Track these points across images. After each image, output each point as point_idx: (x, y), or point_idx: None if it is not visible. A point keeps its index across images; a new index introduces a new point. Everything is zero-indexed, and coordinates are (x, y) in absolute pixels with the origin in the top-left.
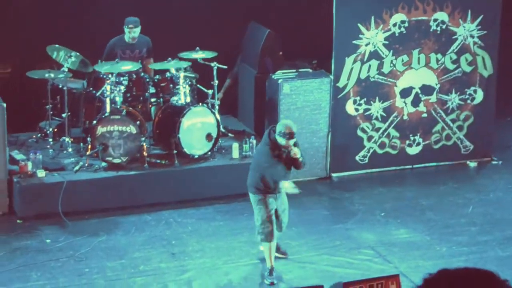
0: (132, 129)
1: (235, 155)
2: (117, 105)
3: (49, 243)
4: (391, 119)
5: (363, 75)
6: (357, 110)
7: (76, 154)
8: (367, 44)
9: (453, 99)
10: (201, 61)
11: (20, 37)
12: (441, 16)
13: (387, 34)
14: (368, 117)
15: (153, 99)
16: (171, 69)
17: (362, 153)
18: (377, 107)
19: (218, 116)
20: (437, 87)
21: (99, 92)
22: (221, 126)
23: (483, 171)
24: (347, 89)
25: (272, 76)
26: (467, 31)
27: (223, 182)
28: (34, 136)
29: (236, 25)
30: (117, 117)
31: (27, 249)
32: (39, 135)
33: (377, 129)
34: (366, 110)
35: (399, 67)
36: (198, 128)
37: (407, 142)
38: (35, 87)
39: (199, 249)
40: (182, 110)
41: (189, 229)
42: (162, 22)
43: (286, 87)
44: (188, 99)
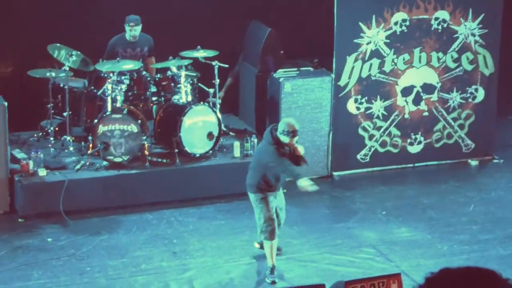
0: (133, 128)
1: (237, 154)
2: (118, 104)
3: (50, 242)
4: (392, 117)
5: (364, 73)
6: (358, 108)
7: (77, 153)
8: (368, 43)
9: (454, 97)
10: (203, 60)
11: (21, 36)
12: (442, 14)
13: (388, 32)
14: (369, 116)
15: (154, 98)
16: (172, 68)
17: (363, 151)
18: (378, 106)
19: (219, 115)
20: (438, 85)
21: (100, 91)
22: (222, 125)
23: (485, 169)
24: (348, 87)
25: (274, 74)
26: (468, 29)
27: (225, 181)
28: (36, 135)
29: (237, 24)
30: (118, 116)
31: (29, 248)
32: (40, 134)
33: (379, 128)
34: (367, 108)
35: (400, 65)
36: (200, 127)
37: (409, 140)
38: (36, 86)
39: (200, 248)
40: (183, 109)
41: (190, 228)
42: (163, 21)
43: (288, 86)
44: (190, 98)
